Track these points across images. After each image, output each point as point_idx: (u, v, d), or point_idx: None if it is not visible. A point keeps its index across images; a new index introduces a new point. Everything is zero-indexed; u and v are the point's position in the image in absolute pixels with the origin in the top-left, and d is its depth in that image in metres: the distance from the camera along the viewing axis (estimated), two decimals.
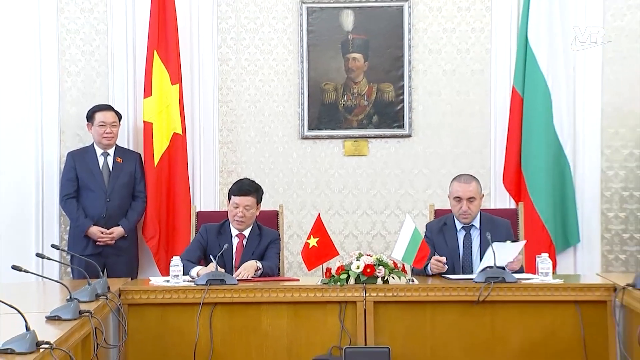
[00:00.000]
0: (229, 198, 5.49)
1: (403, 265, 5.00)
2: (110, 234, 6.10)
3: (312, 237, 5.11)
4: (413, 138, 6.58)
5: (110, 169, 6.20)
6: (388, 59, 6.55)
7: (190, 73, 6.49)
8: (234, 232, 5.47)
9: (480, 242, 5.35)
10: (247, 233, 5.47)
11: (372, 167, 6.62)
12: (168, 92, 6.31)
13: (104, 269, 5.81)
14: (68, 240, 6.28)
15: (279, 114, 6.61)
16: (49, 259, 4.74)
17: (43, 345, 3.22)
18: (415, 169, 6.60)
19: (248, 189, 5.46)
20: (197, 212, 5.91)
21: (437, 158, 6.59)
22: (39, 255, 4.68)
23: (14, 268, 3.87)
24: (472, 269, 5.33)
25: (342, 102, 6.58)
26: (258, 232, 5.49)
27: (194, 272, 5.19)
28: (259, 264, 5.26)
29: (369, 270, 4.87)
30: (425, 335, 4.91)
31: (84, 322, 3.95)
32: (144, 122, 6.34)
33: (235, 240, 5.46)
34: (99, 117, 6.15)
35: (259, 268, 5.24)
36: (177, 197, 6.37)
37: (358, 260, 4.90)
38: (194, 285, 4.97)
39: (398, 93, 6.55)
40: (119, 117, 6.24)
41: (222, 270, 5.07)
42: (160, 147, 6.30)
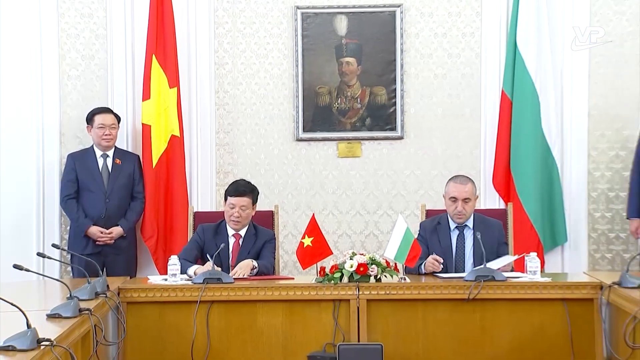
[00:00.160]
0: (226, 199, 5.49)
1: (395, 264, 5.00)
2: (110, 234, 6.09)
3: (306, 236, 5.11)
4: (405, 140, 6.58)
5: (110, 170, 6.19)
6: (381, 63, 6.55)
7: (188, 76, 6.48)
8: (230, 231, 5.47)
9: (474, 241, 5.34)
10: (243, 233, 5.47)
11: (365, 168, 6.61)
12: (166, 95, 6.30)
13: (104, 268, 5.81)
14: (68, 240, 6.27)
15: (275, 117, 6.60)
16: (50, 258, 4.75)
17: (44, 343, 3.22)
18: (407, 170, 6.60)
19: (244, 190, 5.46)
20: (194, 212, 5.92)
21: (428, 159, 6.59)
22: (40, 255, 4.69)
23: (16, 267, 3.87)
24: (464, 268, 5.33)
25: (336, 105, 6.58)
26: (254, 231, 5.49)
27: (191, 271, 5.19)
28: (255, 263, 5.26)
29: (362, 269, 4.87)
30: (417, 332, 4.92)
31: (84, 319, 3.95)
32: (143, 124, 6.33)
33: (232, 240, 5.46)
34: (99, 119, 6.14)
35: (255, 267, 5.24)
36: (174, 197, 6.36)
37: (351, 260, 4.90)
38: (192, 284, 4.97)
39: (390, 96, 6.55)
40: (118, 119, 6.23)
41: (218, 269, 5.07)
42: (159, 148, 6.29)
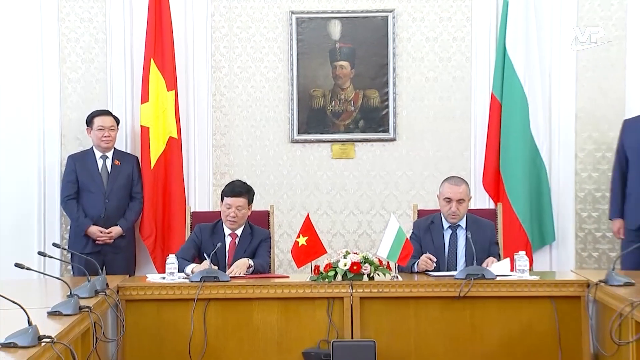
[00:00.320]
0: (222, 199, 5.49)
1: (388, 263, 5.00)
2: (109, 233, 6.08)
3: (301, 236, 5.11)
4: (397, 142, 6.58)
5: (109, 171, 6.18)
6: (373, 67, 6.56)
7: (185, 80, 6.48)
8: (227, 231, 5.47)
9: (466, 241, 5.32)
10: (239, 232, 5.47)
11: (358, 169, 6.62)
12: (164, 98, 6.30)
13: (103, 267, 5.81)
14: (68, 239, 6.26)
15: (270, 119, 6.60)
16: (51, 257, 4.73)
17: (44, 340, 3.22)
18: (400, 171, 6.61)
19: (240, 191, 5.46)
20: (191, 212, 5.91)
21: (420, 161, 6.60)
22: (41, 254, 4.68)
23: (17, 266, 3.86)
24: (456, 267, 5.33)
25: (329, 107, 6.58)
26: (250, 231, 5.49)
27: (189, 269, 5.18)
28: (251, 262, 5.26)
29: (356, 268, 4.88)
30: (409, 329, 4.92)
31: (84, 317, 3.95)
32: (141, 126, 6.32)
33: (228, 239, 5.45)
34: (98, 121, 6.14)
35: (251, 265, 5.24)
36: (172, 198, 6.35)
37: (345, 258, 4.91)
38: (189, 282, 4.96)
39: (383, 99, 6.56)
40: (117, 121, 6.22)
41: (215, 268, 5.07)
42: (157, 150, 6.29)
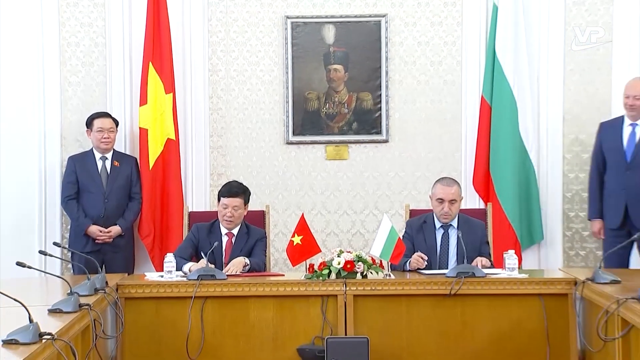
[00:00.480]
0: (219, 199, 5.49)
1: (381, 261, 5.01)
2: (109, 233, 6.07)
3: (296, 235, 5.10)
4: (390, 143, 6.59)
5: (108, 172, 6.17)
6: (367, 70, 6.56)
7: (183, 83, 6.48)
8: (224, 230, 5.47)
9: (457, 240, 5.32)
10: (235, 232, 5.47)
11: (352, 170, 6.62)
12: (162, 100, 6.29)
13: (103, 265, 5.80)
14: (69, 239, 6.26)
15: (266, 121, 6.60)
16: (51, 256, 4.73)
17: (45, 336, 3.23)
18: (392, 172, 6.61)
19: (236, 191, 5.46)
20: (189, 212, 5.91)
21: (412, 162, 6.60)
22: (42, 252, 4.69)
23: (19, 264, 3.86)
24: (448, 266, 5.32)
25: (324, 110, 6.58)
26: (246, 230, 5.49)
27: (186, 267, 5.18)
28: (247, 260, 5.26)
29: (349, 266, 4.88)
30: (401, 326, 4.93)
31: (84, 314, 3.95)
32: (140, 128, 6.31)
33: (225, 239, 5.45)
34: (97, 123, 6.13)
35: (247, 264, 5.24)
36: (170, 198, 6.34)
37: (339, 257, 4.91)
38: (186, 280, 4.96)
39: (376, 102, 6.56)
40: (116, 123, 6.22)
41: (212, 266, 5.07)
42: (155, 151, 6.28)
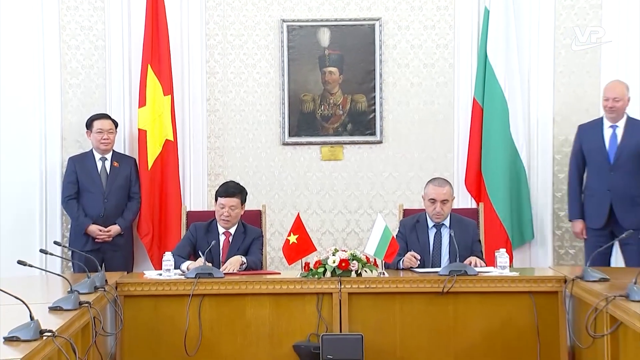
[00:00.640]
0: (216, 199, 5.49)
1: (375, 260, 5.01)
2: (108, 232, 6.07)
3: (292, 234, 5.11)
4: (384, 144, 6.59)
5: (108, 173, 6.16)
6: (361, 73, 6.56)
7: (181, 85, 6.47)
8: (221, 230, 5.46)
9: (450, 239, 5.34)
10: (232, 231, 5.47)
11: (346, 170, 6.62)
12: (161, 102, 6.29)
13: (102, 264, 5.78)
14: (69, 238, 6.25)
15: (262, 122, 6.60)
16: (52, 255, 4.74)
17: (46, 334, 3.23)
18: (386, 172, 6.61)
19: (233, 191, 5.46)
20: (187, 211, 5.92)
21: (405, 162, 6.60)
22: (43, 251, 4.68)
23: (20, 263, 3.86)
24: (440, 264, 5.33)
25: (319, 111, 6.58)
26: (243, 230, 5.49)
27: (184, 266, 5.18)
28: (244, 259, 5.26)
29: (344, 265, 4.89)
30: (395, 323, 4.94)
31: (84, 312, 3.95)
32: (139, 129, 6.31)
33: (222, 238, 5.45)
34: (97, 124, 6.12)
35: (244, 262, 5.24)
36: (169, 198, 6.34)
37: (334, 256, 4.92)
38: (185, 278, 4.97)
39: (370, 103, 6.56)
40: (116, 124, 6.21)
41: (209, 265, 5.07)
42: (154, 152, 6.28)
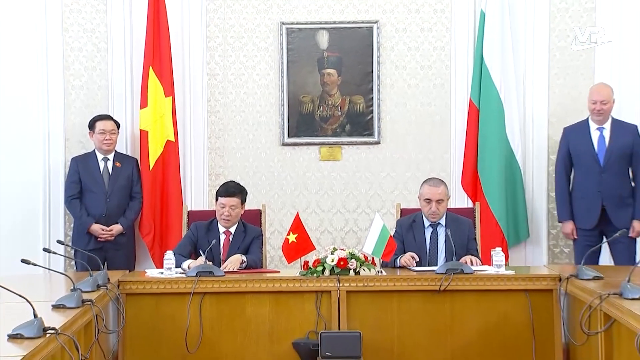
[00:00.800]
0: (217, 199, 5.49)
1: (373, 258, 5.01)
2: (110, 231, 6.07)
3: (291, 233, 5.11)
4: (382, 145, 6.59)
5: (110, 173, 6.16)
6: (359, 74, 6.56)
7: (182, 86, 6.47)
8: (221, 229, 5.46)
9: (445, 238, 5.35)
10: (233, 230, 5.47)
11: (345, 170, 6.62)
12: (162, 103, 6.29)
13: (105, 262, 5.76)
14: (72, 237, 6.24)
15: (262, 123, 6.60)
16: (55, 253, 4.74)
17: (49, 331, 3.22)
18: (384, 173, 6.62)
19: (233, 191, 5.46)
20: (188, 211, 5.91)
21: (403, 162, 6.60)
22: (46, 250, 4.68)
23: (23, 261, 3.86)
24: (437, 263, 5.33)
25: (318, 112, 6.58)
26: (243, 229, 5.49)
27: (185, 265, 5.18)
28: (244, 258, 5.26)
29: (342, 263, 4.88)
30: (393, 321, 4.93)
31: (86, 310, 3.95)
32: (141, 130, 6.30)
33: (223, 237, 5.45)
34: (100, 125, 6.13)
35: (244, 261, 5.24)
36: (170, 197, 6.34)
37: (332, 254, 4.91)
38: (185, 277, 4.96)
39: (368, 104, 6.56)
40: (118, 125, 6.21)
41: (210, 263, 5.07)
42: (155, 152, 6.28)
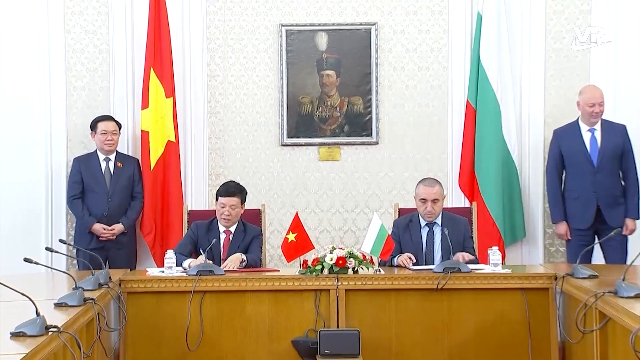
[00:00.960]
0: (217, 198, 5.49)
1: (371, 258, 5.01)
2: (112, 230, 6.06)
3: (290, 232, 5.11)
4: (380, 145, 6.59)
5: (112, 173, 6.16)
6: (358, 76, 6.56)
7: (183, 87, 6.47)
8: (222, 228, 5.46)
9: (442, 237, 5.36)
10: (233, 229, 5.47)
11: (343, 170, 6.62)
12: (163, 104, 6.29)
13: (106, 261, 5.79)
14: (74, 236, 6.24)
15: (261, 124, 6.60)
16: (57, 253, 4.74)
17: (52, 329, 3.22)
18: (382, 173, 6.62)
19: (233, 191, 5.46)
20: (188, 210, 5.91)
21: (400, 163, 6.61)
22: (48, 249, 4.68)
23: (26, 260, 3.86)
24: (434, 262, 5.33)
25: (317, 113, 6.58)
26: (243, 228, 5.49)
27: (186, 263, 5.18)
28: (244, 257, 5.26)
29: (341, 262, 4.88)
30: (391, 319, 4.94)
31: (88, 308, 3.95)
32: (142, 131, 6.30)
33: (223, 236, 5.45)
34: (101, 126, 6.12)
35: (244, 260, 5.24)
36: (171, 197, 6.33)
37: (331, 253, 4.92)
38: (186, 276, 4.96)
39: (366, 105, 6.56)
40: (119, 126, 6.21)
41: (210, 262, 5.07)
42: (156, 153, 6.27)
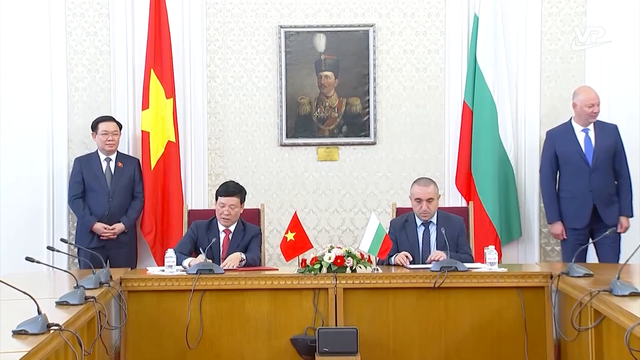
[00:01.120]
0: (217, 198, 5.49)
1: (369, 256, 5.01)
2: (113, 230, 6.06)
3: (289, 232, 5.11)
4: (377, 145, 6.59)
5: (112, 173, 6.16)
6: (356, 77, 6.56)
7: (183, 88, 6.46)
8: (221, 227, 5.47)
9: (437, 236, 5.37)
10: (232, 229, 5.47)
11: (342, 170, 6.62)
12: (163, 105, 6.28)
13: (107, 260, 5.78)
14: (75, 235, 6.23)
15: (261, 124, 6.60)
16: (59, 252, 4.74)
17: (53, 327, 3.22)
18: (380, 173, 6.62)
19: (233, 190, 5.46)
20: (188, 210, 5.91)
21: (398, 163, 6.60)
22: (50, 248, 4.68)
23: (28, 259, 3.86)
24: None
25: (315, 114, 6.58)
26: (242, 227, 5.49)
27: (186, 262, 5.18)
28: (243, 256, 5.26)
29: (339, 261, 4.89)
30: (388, 317, 4.95)
31: (89, 306, 3.95)
32: (142, 131, 6.30)
33: (222, 235, 5.46)
34: (102, 126, 6.12)
35: (243, 259, 5.24)
36: (171, 197, 6.33)
37: (330, 252, 4.93)
38: (186, 274, 4.97)
39: (364, 106, 6.56)
40: (120, 126, 6.21)
41: (210, 261, 5.07)
42: (157, 153, 6.27)
